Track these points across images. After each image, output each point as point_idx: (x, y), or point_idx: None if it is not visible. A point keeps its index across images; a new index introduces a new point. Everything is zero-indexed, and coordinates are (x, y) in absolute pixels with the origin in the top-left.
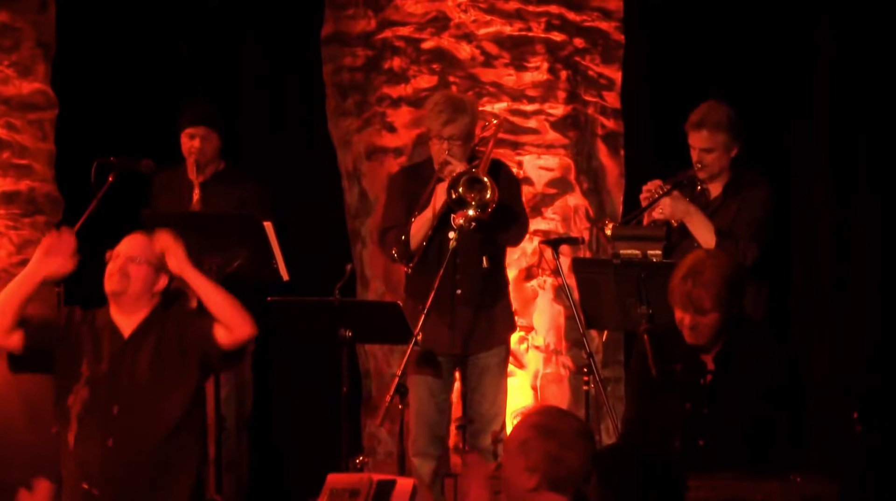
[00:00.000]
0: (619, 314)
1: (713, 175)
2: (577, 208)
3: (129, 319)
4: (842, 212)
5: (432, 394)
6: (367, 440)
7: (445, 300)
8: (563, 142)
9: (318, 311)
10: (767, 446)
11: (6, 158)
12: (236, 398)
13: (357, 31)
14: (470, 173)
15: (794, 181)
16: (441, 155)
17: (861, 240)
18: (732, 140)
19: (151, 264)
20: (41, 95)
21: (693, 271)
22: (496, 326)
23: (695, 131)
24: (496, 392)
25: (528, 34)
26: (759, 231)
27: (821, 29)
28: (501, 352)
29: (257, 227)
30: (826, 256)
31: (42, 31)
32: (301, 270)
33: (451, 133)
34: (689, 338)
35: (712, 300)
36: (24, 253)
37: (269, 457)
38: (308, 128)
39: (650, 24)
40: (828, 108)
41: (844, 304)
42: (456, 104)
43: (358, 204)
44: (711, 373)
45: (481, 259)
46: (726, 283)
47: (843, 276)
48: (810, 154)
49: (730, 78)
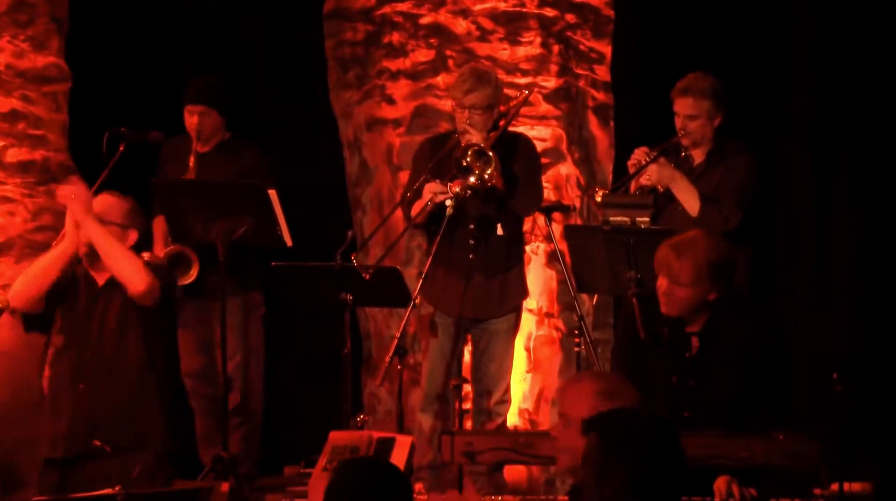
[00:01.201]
0: (609, 278)
1: (696, 142)
2: (568, 177)
3: (103, 271)
4: (823, 181)
5: (444, 356)
6: (368, 399)
7: (460, 266)
8: (555, 113)
9: (320, 275)
10: (751, 409)
11: (22, 129)
12: (244, 359)
13: (357, 6)
14: (478, 146)
15: (777, 151)
16: (462, 124)
17: (841, 207)
18: (716, 109)
19: (117, 224)
20: (55, 69)
21: (681, 245)
22: (509, 292)
23: (680, 98)
24: (504, 357)
25: (522, 10)
26: (742, 198)
27: (803, 6)
28: (512, 319)
29: (262, 195)
30: (808, 222)
31: (56, 7)
32: (304, 236)
33: (472, 102)
34: (663, 306)
35: (689, 276)
36: (38, 220)
37: (274, 415)
38: (311, 100)
39: (639, 0)
40: (808, 80)
41: (825, 269)
42: (480, 75)
43: (358, 173)
44: (696, 348)
45: (495, 226)
46: (708, 264)
47: (824, 242)
48: (792, 125)
49: (715, 53)
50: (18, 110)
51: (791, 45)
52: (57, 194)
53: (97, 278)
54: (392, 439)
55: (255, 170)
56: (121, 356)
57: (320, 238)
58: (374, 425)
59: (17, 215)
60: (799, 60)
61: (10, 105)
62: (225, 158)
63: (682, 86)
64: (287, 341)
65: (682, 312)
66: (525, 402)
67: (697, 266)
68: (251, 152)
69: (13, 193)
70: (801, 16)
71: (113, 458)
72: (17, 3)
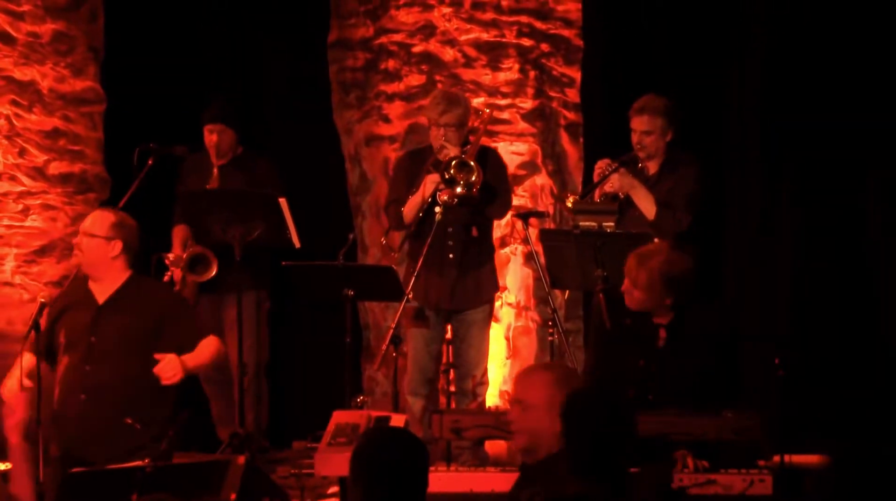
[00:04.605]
0: (579, 276)
1: (651, 155)
2: (543, 187)
3: (103, 287)
4: (768, 184)
5: (426, 344)
6: (367, 382)
7: (439, 264)
8: (531, 131)
9: (324, 273)
10: (708, 391)
11: (62, 145)
12: (256, 347)
13: (358, 37)
14: (460, 158)
15: (728, 157)
16: (438, 140)
17: (784, 207)
18: (668, 125)
19: (101, 236)
20: (92, 92)
21: (643, 256)
22: (483, 286)
23: (637, 116)
24: (480, 344)
25: (502, 40)
26: (692, 202)
27: (752, 28)
28: (487, 309)
29: (274, 202)
30: (754, 220)
31: (93, 37)
32: (311, 239)
33: (447, 121)
34: (627, 302)
35: (644, 284)
36: (76, 225)
37: (284, 397)
38: (316, 119)
39: (605, 32)
40: (756, 96)
41: (769, 265)
42: (451, 98)
43: (359, 183)
44: (663, 339)
45: (471, 229)
46: (661, 276)
47: (769, 238)
48: (742, 135)
49: (673, 78)
50: (60, 128)
51: (740, 64)
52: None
53: (97, 297)
54: (388, 417)
55: (268, 180)
56: (120, 370)
57: (325, 240)
58: (372, 405)
59: (58, 221)
60: (748, 77)
61: (52, 124)
62: (240, 170)
63: (638, 106)
64: (296, 331)
65: (641, 309)
66: (505, 385)
67: (651, 277)
68: (264, 165)
69: (55, 201)
70: (750, 38)
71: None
72: (58, 35)
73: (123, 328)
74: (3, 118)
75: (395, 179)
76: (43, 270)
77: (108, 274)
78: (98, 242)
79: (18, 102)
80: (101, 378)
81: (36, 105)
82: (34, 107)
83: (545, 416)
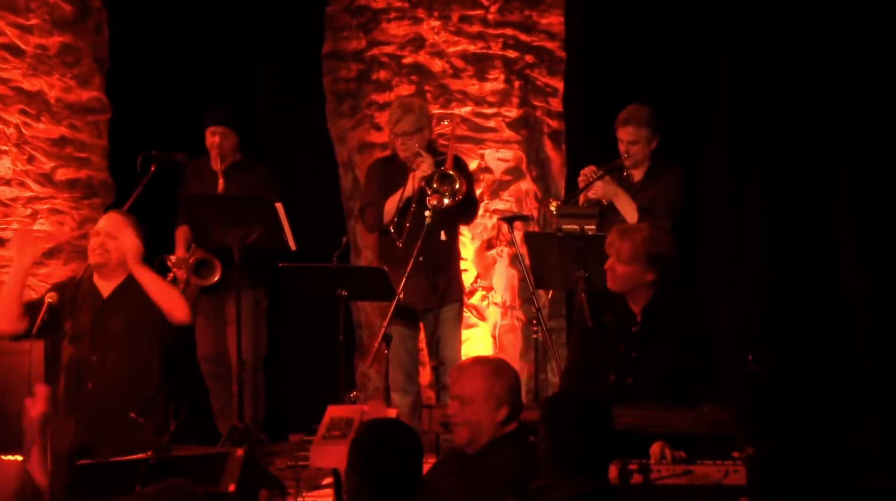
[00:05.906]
0: (562, 277)
1: (637, 163)
2: (527, 192)
3: (108, 282)
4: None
5: (403, 341)
6: (359, 378)
7: (412, 266)
8: (516, 138)
9: (319, 274)
10: (685, 383)
11: (69, 152)
12: (254, 344)
13: (350, 49)
14: (441, 171)
15: (701, 158)
16: (402, 150)
17: (755, 211)
18: (653, 134)
19: (125, 238)
20: (97, 102)
21: (626, 229)
22: (452, 286)
23: (622, 127)
24: (454, 339)
25: (488, 52)
26: (673, 209)
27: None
28: (457, 307)
29: (271, 207)
30: (727, 222)
31: (98, 49)
32: (306, 241)
33: (402, 129)
34: (609, 282)
35: (628, 255)
36: (83, 229)
37: (280, 392)
38: (311, 127)
39: (587, 44)
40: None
41: (742, 265)
42: (405, 106)
43: (351, 188)
44: (640, 324)
45: (440, 233)
46: (644, 247)
47: (741, 241)
48: (715, 138)
49: (650, 87)
50: (66, 136)
51: (713, 73)
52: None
53: (102, 291)
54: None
55: (266, 185)
56: (126, 359)
57: (319, 243)
58: (364, 400)
59: (65, 225)
60: (720, 85)
61: (59, 132)
62: (239, 175)
63: (623, 117)
64: (292, 329)
65: (623, 288)
66: None
67: (636, 248)
68: (262, 170)
69: (62, 205)
70: (721, 50)
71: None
72: (65, 47)
73: (130, 315)
74: (12, 127)
75: (368, 184)
76: (51, 271)
77: (118, 271)
78: (119, 243)
79: (27, 111)
80: (107, 369)
81: (44, 114)
82: (42, 116)
83: (482, 407)
